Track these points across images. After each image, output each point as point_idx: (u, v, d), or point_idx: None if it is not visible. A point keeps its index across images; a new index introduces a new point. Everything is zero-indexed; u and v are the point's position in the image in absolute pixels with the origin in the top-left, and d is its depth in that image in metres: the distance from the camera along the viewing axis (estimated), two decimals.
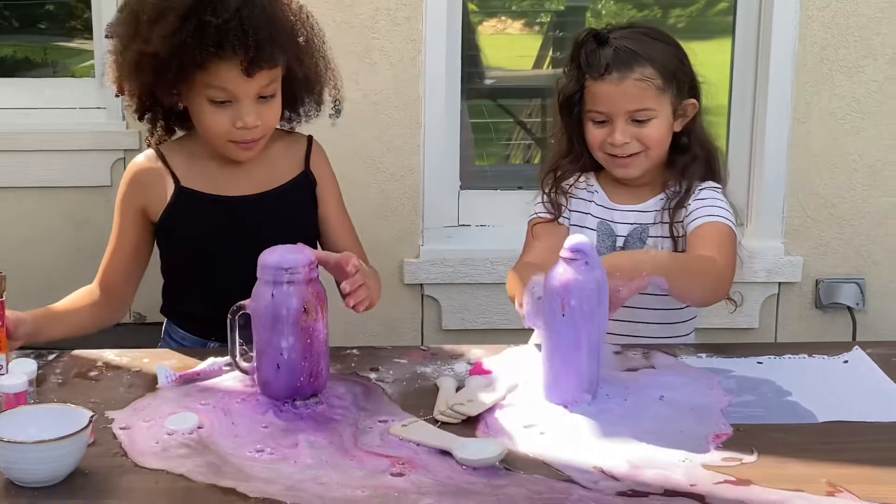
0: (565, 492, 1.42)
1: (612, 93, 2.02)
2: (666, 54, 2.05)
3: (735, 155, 3.31)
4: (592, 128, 2.07)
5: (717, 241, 1.98)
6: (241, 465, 1.49)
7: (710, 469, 1.49)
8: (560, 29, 3.83)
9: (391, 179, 3.15)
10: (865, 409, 1.69)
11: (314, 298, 1.68)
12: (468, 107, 3.43)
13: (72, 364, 1.86)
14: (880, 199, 3.24)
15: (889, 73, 3.16)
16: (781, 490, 1.43)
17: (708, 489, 1.43)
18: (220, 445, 1.54)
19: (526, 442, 1.57)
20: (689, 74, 2.08)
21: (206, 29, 1.88)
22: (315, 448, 1.53)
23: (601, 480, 1.45)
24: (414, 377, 1.81)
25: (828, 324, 3.31)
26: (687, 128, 2.10)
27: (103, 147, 3.69)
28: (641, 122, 2.03)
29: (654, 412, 1.66)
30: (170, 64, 1.91)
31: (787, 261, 3.24)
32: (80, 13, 4.16)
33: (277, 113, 2.02)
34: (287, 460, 1.50)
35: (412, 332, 3.26)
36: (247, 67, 1.90)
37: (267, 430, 1.59)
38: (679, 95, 2.06)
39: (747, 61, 3.25)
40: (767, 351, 1.94)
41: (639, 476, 1.47)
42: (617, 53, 2.02)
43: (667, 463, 1.50)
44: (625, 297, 1.74)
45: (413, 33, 3.08)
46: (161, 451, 1.53)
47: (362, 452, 1.52)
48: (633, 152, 2.05)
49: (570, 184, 2.15)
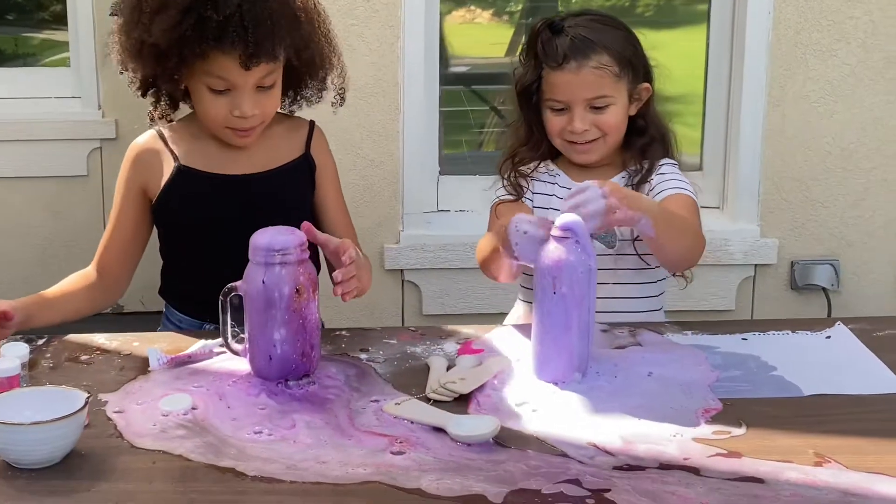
0: (562, 466, 1.44)
1: (571, 82, 2.04)
2: (620, 41, 2.08)
3: (711, 139, 3.35)
4: (551, 116, 2.09)
5: (687, 210, 2.04)
6: (242, 446, 1.49)
7: (700, 442, 1.51)
8: (532, 16, 3.86)
9: (371, 165, 3.16)
10: (849, 382, 1.73)
11: (306, 279, 1.69)
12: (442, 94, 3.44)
13: (62, 348, 1.86)
14: (854, 182, 3.29)
15: (861, 57, 3.20)
16: (772, 461, 1.46)
17: (701, 462, 1.45)
18: (218, 428, 1.55)
19: (518, 419, 1.59)
20: (642, 59, 2.12)
21: (207, 24, 1.88)
22: (312, 428, 1.54)
23: (596, 455, 1.47)
24: (405, 357, 1.83)
25: (803, 305, 3.36)
26: (642, 110, 2.14)
27: (79, 136, 3.68)
28: (599, 109, 2.06)
29: (643, 388, 1.68)
30: (170, 54, 1.92)
31: (762, 243, 3.28)
32: (50, 4, 4.14)
33: (276, 102, 2.03)
34: (286, 440, 1.51)
35: (393, 317, 3.28)
36: (245, 61, 1.90)
37: (264, 412, 1.60)
38: (634, 80, 2.09)
39: (722, 47, 3.28)
40: (752, 328, 1.97)
41: (632, 451, 1.48)
42: (573, 42, 2.04)
43: (659, 438, 1.52)
44: (618, 220, 1.76)
45: (391, 19, 3.09)
46: (160, 433, 1.54)
47: (360, 432, 1.53)
48: (592, 139, 2.08)
49: (532, 168, 2.17)
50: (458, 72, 3.91)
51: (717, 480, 1.40)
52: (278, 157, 2.09)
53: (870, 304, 3.34)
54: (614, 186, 1.76)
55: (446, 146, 3.56)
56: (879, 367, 1.78)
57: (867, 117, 3.24)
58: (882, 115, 3.24)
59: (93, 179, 3.75)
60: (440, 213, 3.33)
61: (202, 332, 1.97)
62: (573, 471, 1.43)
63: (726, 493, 1.37)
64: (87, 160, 3.72)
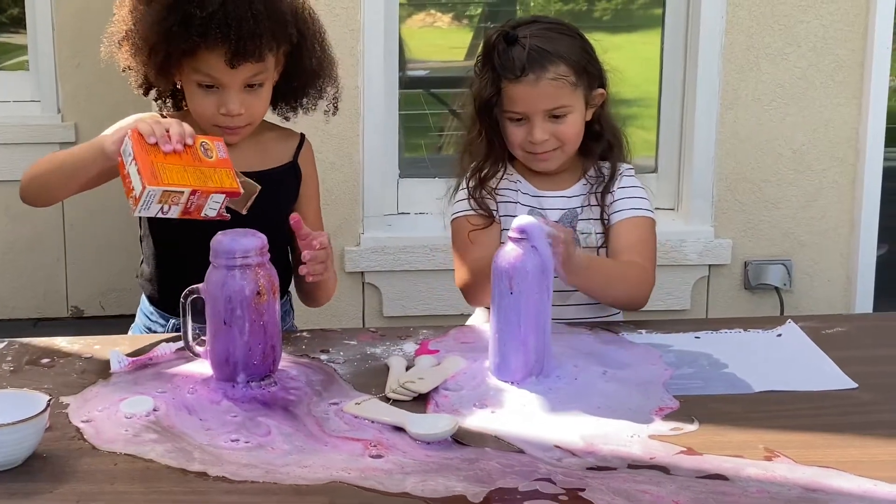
0: (532, 465, 1.46)
1: (529, 94, 2.05)
2: (575, 49, 2.08)
3: (666, 141, 3.39)
4: (511, 126, 2.10)
5: (641, 241, 2.10)
6: (218, 453, 1.50)
7: (657, 439, 1.54)
8: (492, 20, 3.89)
9: (331, 169, 3.18)
10: (798, 379, 1.77)
11: (266, 281, 1.71)
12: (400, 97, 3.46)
13: (23, 352, 1.86)
14: (805, 183, 3.35)
15: (812, 60, 3.26)
16: (732, 457, 1.49)
17: (667, 460, 1.48)
18: (192, 436, 1.55)
19: (477, 418, 1.62)
20: (596, 65, 2.12)
21: (191, 20, 1.91)
22: (284, 434, 1.55)
23: (563, 458, 1.49)
24: (364, 357, 1.85)
25: (756, 304, 3.41)
26: (597, 115, 2.15)
27: (39, 140, 3.67)
28: (558, 119, 2.07)
29: (601, 389, 1.71)
30: (158, 49, 1.95)
31: (716, 243, 3.34)
32: (7, 7, 4.12)
33: (264, 103, 2.05)
34: (264, 448, 1.52)
35: (354, 319, 3.30)
36: (230, 60, 1.93)
37: (237, 420, 1.60)
38: (590, 87, 2.10)
39: (676, 50, 3.33)
40: (704, 326, 2.01)
41: (598, 451, 1.51)
42: (530, 54, 2.04)
43: (619, 438, 1.55)
44: (560, 244, 1.78)
45: (351, 23, 3.11)
46: (133, 437, 1.55)
47: (332, 437, 1.54)
48: (551, 148, 2.09)
49: (500, 178, 2.17)
50: (418, 76, 3.94)
51: (685, 479, 1.43)
52: (267, 161, 2.11)
53: (821, 303, 3.41)
54: (560, 231, 1.78)
55: (406, 149, 3.58)
56: (828, 364, 1.83)
57: (818, 119, 3.31)
58: (832, 118, 3.31)
59: None
60: (400, 215, 3.36)
61: (160, 336, 1.98)
62: (543, 470, 1.45)
63: (696, 490, 1.40)
64: None
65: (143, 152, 1.75)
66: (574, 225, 2.14)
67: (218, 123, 2.01)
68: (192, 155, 1.80)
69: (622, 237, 2.11)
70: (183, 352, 1.82)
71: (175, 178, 1.74)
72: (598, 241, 2.13)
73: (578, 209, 2.15)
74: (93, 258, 3.79)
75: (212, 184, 1.78)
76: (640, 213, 2.13)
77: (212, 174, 1.80)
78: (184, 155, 1.79)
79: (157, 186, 1.71)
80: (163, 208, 1.75)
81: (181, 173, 1.76)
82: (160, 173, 1.73)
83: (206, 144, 1.83)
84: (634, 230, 2.11)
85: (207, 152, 1.82)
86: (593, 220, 2.14)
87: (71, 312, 3.88)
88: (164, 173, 1.74)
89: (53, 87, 3.68)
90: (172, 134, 1.78)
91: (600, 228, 2.14)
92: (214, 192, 1.78)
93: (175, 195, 1.74)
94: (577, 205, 2.15)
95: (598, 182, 2.15)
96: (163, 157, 1.77)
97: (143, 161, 1.73)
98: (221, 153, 1.84)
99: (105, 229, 3.72)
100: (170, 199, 1.74)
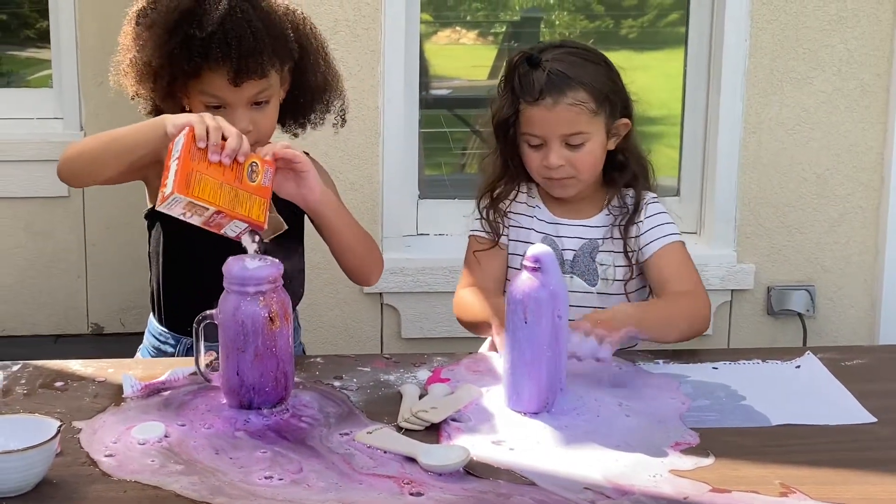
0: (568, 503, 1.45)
1: (546, 118, 2.03)
2: (598, 76, 2.06)
3: (688, 164, 3.38)
4: (529, 150, 2.08)
5: (681, 266, 2.08)
6: (252, 489, 1.48)
7: (677, 474, 1.52)
8: (515, 39, 3.89)
9: (350, 189, 3.18)
10: (817, 412, 1.74)
11: (279, 307, 1.70)
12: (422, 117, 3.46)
13: (37, 375, 1.86)
14: (829, 208, 3.32)
15: (837, 85, 3.24)
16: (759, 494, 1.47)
17: (700, 499, 1.46)
18: (224, 471, 1.53)
19: (490, 450, 1.59)
20: (621, 94, 2.10)
21: (192, 41, 1.92)
22: (317, 472, 1.52)
23: (598, 500, 1.46)
24: (378, 385, 1.84)
25: (779, 330, 3.38)
26: (621, 145, 2.12)
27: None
28: (575, 147, 2.05)
29: (618, 422, 1.68)
30: (162, 73, 1.96)
31: (739, 268, 3.31)
32: (34, 22, 4.15)
33: (272, 120, 2.05)
34: (299, 484, 1.49)
35: (372, 340, 3.29)
36: (233, 78, 1.93)
37: (266, 455, 1.57)
38: (612, 116, 2.07)
39: (699, 72, 3.31)
40: (722, 357, 1.99)
41: (628, 491, 1.48)
42: (550, 78, 2.02)
43: (640, 474, 1.52)
44: (615, 344, 1.80)
45: (372, 44, 3.11)
46: (159, 468, 1.53)
47: (362, 475, 1.52)
48: (567, 175, 2.07)
49: (511, 199, 2.17)
50: (440, 95, 3.94)
51: None
52: None
53: (845, 330, 3.37)
54: (591, 319, 1.81)
55: (427, 168, 3.57)
56: (847, 398, 1.80)
57: (842, 144, 3.28)
58: (856, 142, 3.28)
59: (74, 201, 3.76)
60: (419, 236, 3.35)
61: (175, 361, 1.98)
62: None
63: None
64: None
65: (188, 155, 1.71)
66: (593, 256, 2.12)
67: None
68: (235, 173, 1.77)
69: (663, 269, 2.08)
70: (195, 376, 1.81)
71: (206, 194, 1.71)
72: (622, 275, 2.11)
73: (599, 241, 2.13)
74: (113, 275, 3.80)
75: (240, 210, 1.75)
76: (671, 238, 2.10)
77: (245, 199, 1.77)
78: (227, 171, 1.75)
79: (185, 196, 1.68)
80: (185, 214, 1.73)
81: (215, 189, 1.73)
82: (194, 184, 1.70)
83: (256, 167, 1.80)
84: (671, 258, 2.08)
85: (253, 175, 1.79)
86: (615, 252, 2.12)
87: (91, 329, 3.89)
88: (198, 185, 1.71)
89: (76, 104, 3.70)
90: (227, 146, 1.76)
91: (622, 261, 2.11)
92: (239, 218, 1.76)
93: (200, 209, 1.72)
94: (597, 236, 2.13)
95: (622, 215, 2.12)
96: (206, 165, 1.73)
97: (184, 164, 1.70)
98: (266, 180, 1.81)
99: (125, 246, 3.73)
100: (194, 210, 1.72)
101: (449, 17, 3.83)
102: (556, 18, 3.90)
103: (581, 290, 2.11)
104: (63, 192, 3.73)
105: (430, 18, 3.59)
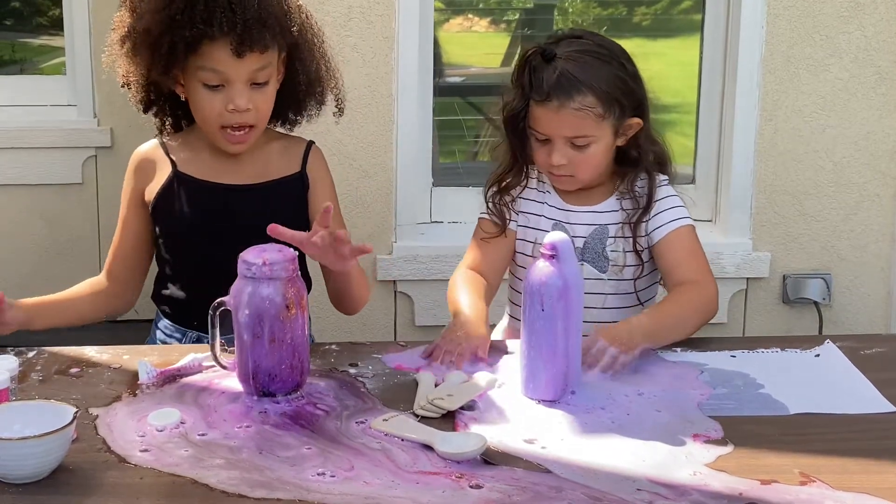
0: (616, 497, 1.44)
1: (552, 118, 2.02)
2: (609, 78, 2.03)
3: (704, 152, 3.35)
4: (536, 145, 2.08)
5: (689, 253, 2.07)
6: (305, 485, 1.46)
7: (716, 468, 1.51)
8: (528, 27, 3.87)
9: (364, 176, 3.17)
10: (836, 401, 1.73)
11: (294, 294, 1.70)
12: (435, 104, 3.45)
13: (53, 361, 1.86)
14: (845, 196, 3.29)
15: (854, 72, 3.21)
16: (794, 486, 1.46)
17: (755, 494, 1.45)
18: (274, 468, 1.51)
19: (510, 439, 1.59)
20: (633, 95, 2.07)
21: (195, 6, 1.91)
22: (368, 469, 1.50)
23: (656, 501, 1.44)
24: (393, 372, 1.83)
25: (794, 318, 3.36)
26: (633, 142, 2.10)
27: (75, 144, 3.69)
28: (579, 147, 2.04)
29: (641, 414, 1.67)
30: (161, 41, 1.94)
31: (755, 256, 3.29)
32: (47, 10, 4.15)
33: (270, 101, 2.04)
34: (356, 480, 1.47)
35: (385, 328, 3.28)
36: (236, 47, 1.92)
37: (311, 451, 1.55)
38: (621, 118, 2.05)
39: (715, 60, 3.29)
40: (740, 345, 1.98)
41: (677, 485, 1.46)
42: (559, 80, 2.00)
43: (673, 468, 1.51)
44: (625, 363, 1.81)
45: (386, 31, 3.10)
46: (195, 461, 1.52)
47: (415, 473, 1.49)
48: (568, 174, 2.07)
49: (522, 186, 2.17)
50: (453, 82, 3.92)
51: None
52: (271, 172, 2.10)
53: (861, 318, 3.35)
54: (607, 336, 1.82)
55: (441, 155, 3.56)
56: (866, 387, 1.79)
57: (859, 132, 3.25)
58: (874, 130, 3.25)
59: (88, 187, 3.76)
60: (433, 224, 3.34)
61: (188, 347, 1.98)
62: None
63: None
64: (83, 168, 3.73)
65: None
66: (604, 243, 2.11)
67: (226, 123, 2.00)
68: None
69: (671, 254, 2.07)
70: (212, 363, 1.81)
71: None
72: (632, 261, 2.10)
73: (609, 226, 2.12)
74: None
75: None
76: (680, 223, 2.09)
77: None
78: None
79: None
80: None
81: None
82: None
83: None
84: (679, 243, 2.08)
85: None
86: (625, 238, 2.11)
87: (105, 316, 3.89)
88: None
89: (90, 91, 3.69)
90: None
91: (632, 258, 2.11)
92: None
93: None
94: (607, 221, 2.12)
95: (632, 208, 2.11)
96: None
97: None
98: None
99: None
100: None
101: (462, 4, 3.81)
102: (569, 6, 3.88)
103: (592, 277, 2.10)
104: (77, 178, 3.73)
105: (442, 6, 3.57)
